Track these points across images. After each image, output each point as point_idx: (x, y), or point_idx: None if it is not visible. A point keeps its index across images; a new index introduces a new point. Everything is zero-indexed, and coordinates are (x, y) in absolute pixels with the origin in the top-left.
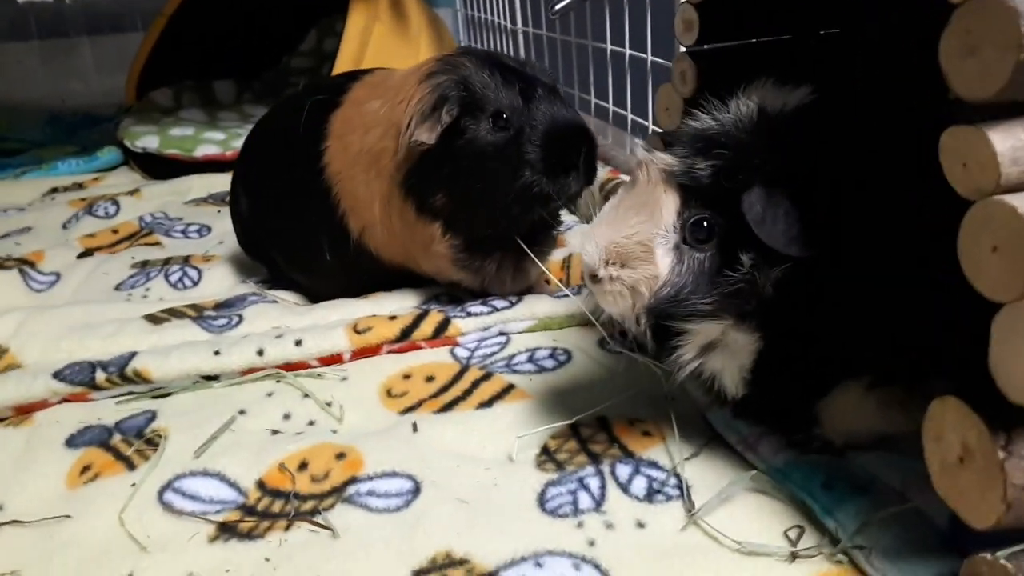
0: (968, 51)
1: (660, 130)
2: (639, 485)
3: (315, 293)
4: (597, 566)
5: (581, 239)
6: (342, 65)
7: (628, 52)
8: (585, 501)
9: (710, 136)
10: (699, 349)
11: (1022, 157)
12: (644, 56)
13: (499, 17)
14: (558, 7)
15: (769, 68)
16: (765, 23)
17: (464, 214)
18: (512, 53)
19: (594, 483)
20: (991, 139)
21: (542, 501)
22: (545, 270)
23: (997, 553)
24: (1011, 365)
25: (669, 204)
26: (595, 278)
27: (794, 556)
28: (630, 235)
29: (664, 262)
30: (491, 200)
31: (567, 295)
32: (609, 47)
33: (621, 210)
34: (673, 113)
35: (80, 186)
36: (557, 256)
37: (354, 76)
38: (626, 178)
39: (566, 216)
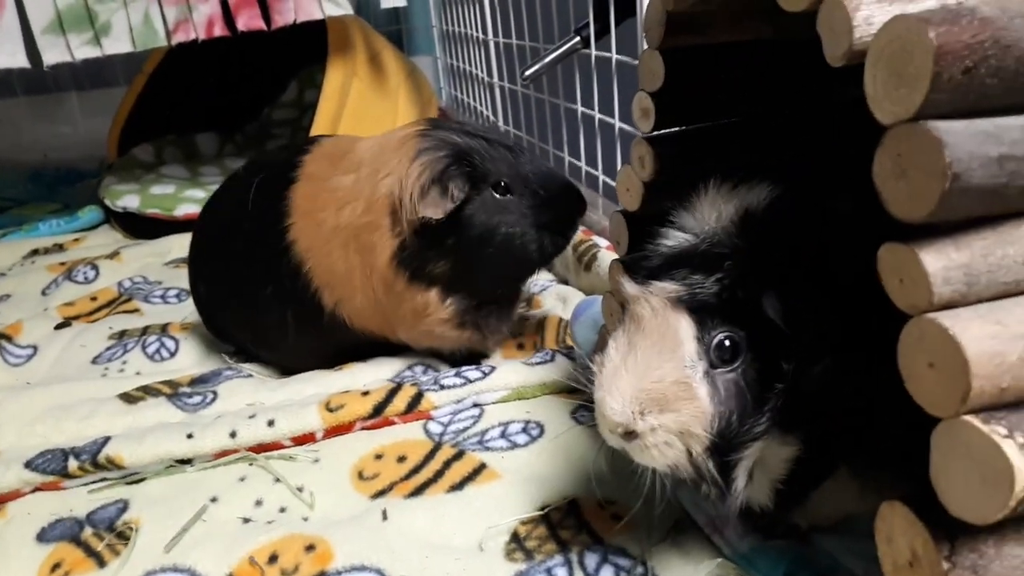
0: (899, 173)
1: (618, 257)
2: (606, 575)
3: (286, 367)
4: None
5: (599, 393)
6: (321, 122)
7: (597, 116)
8: None
9: (704, 252)
10: (749, 472)
11: (953, 277)
12: (613, 121)
13: (477, 69)
14: (528, 72)
15: (727, 148)
16: (722, 106)
17: (468, 279)
18: (489, 104)
19: (561, 573)
20: (922, 259)
21: None
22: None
23: None
24: (949, 480)
25: (686, 332)
26: (631, 434)
27: None
28: (661, 377)
29: (703, 394)
30: (499, 264)
31: (542, 361)
32: (580, 108)
33: (637, 352)
34: (634, 194)
35: (61, 247)
36: (532, 316)
37: (302, 148)
38: (600, 240)
39: (540, 275)
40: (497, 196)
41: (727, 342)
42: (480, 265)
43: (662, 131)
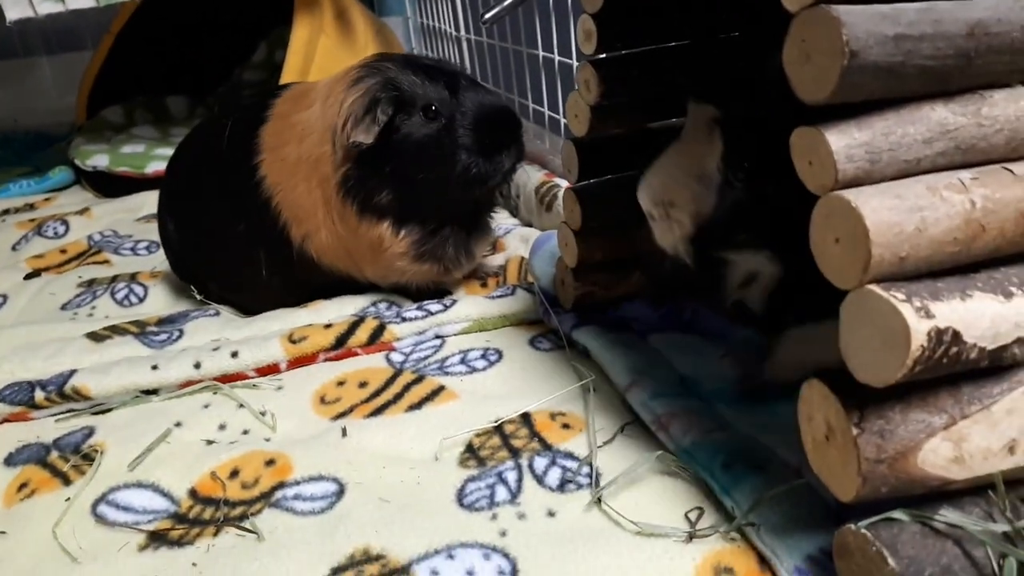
0: (804, 58)
1: (571, 186)
2: (553, 476)
3: (251, 311)
4: (506, 555)
5: (640, 186)
6: (287, 79)
7: (557, 58)
8: (501, 494)
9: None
10: (739, 281)
11: (856, 154)
12: (570, 62)
13: (446, 24)
14: (488, 16)
15: (670, 72)
16: (664, 29)
17: (413, 207)
18: (458, 59)
19: (511, 476)
20: (827, 138)
21: (460, 497)
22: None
23: (860, 524)
24: (855, 347)
25: (713, 148)
26: (651, 216)
27: (691, 536)
28: (674, 178)
29: (705, 200)
30: (434, 188)
31: (503, 295)
32: (541, 53)
33: (670, 156)
34: (582, 120)
35: (31, 207)
36: (496, 260)
37: (273, 93)
38: (561, 181)
39: (506, 219)
40: (426, 120)
41: (741, 164)
42: (416, 190)
43: (606, 55)
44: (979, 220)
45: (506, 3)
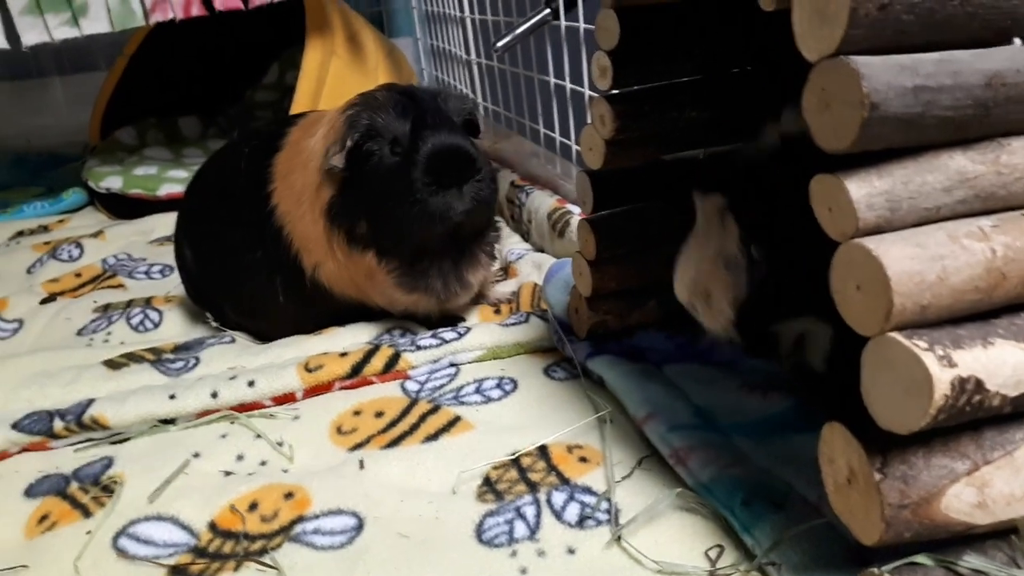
0: (824, 106)
1: (586, 217)
2: (572, 511)
3: (267, 337)
4: None
5: (675, 277)
6: (300, 101)
7: (568, 86)
8: (520, 530)
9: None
10: (791, 348)
11: (876, 203)
12: (583, 90)
13: (455, 47)
14: (500, 44)
15: (684, 106)
16: (678, 65)
17: (387, 238)
18: (468, 83)
19: (530, 512)
20: (848, 187)
21: (479, 532)
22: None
23: (883, 567)
24: (877, 394)
25: (729, 234)
26: (693, 308)
27: (711, 575)
28: (704, 268)
29: (738, 283)
30: (396, 221)
31: (517, 322)
32: (553, 80)
33: (693, 248)
34: (596, 153)
35: (45, 228)
36: (507, 287)
37: (290, 120)
38: (573, 208)
39: (518, 244)
40: (389, 154)
41: (756, 244)
42: (383, 222)
43: (621, 90)
44: (1000, 268)
45: (518, 32)
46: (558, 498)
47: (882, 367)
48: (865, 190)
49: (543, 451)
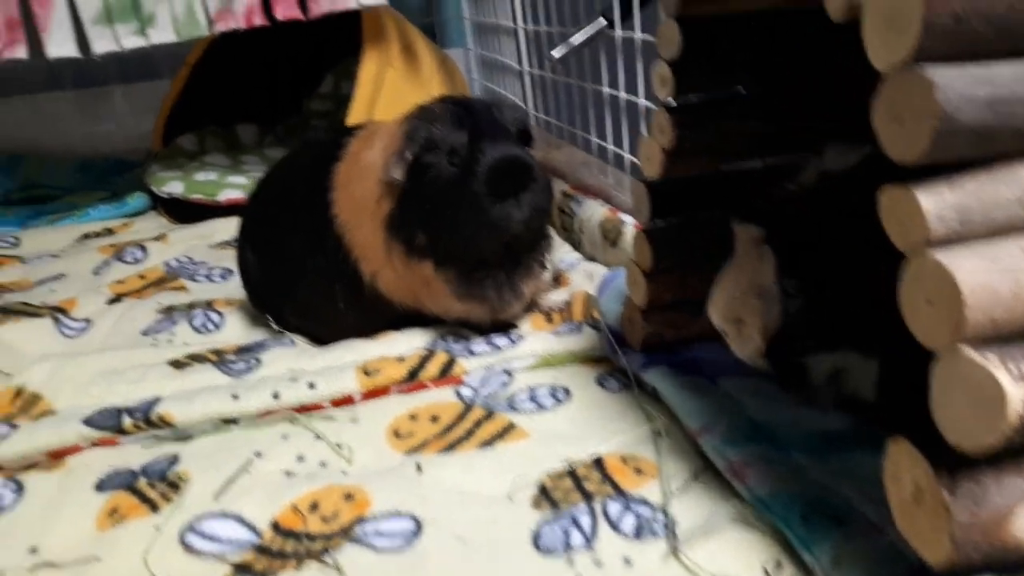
0: (894, 117)
1: (642, 227)
2: (628, 523)
3: (325, 340)
4: None
5: (708, 305)
6: (357, 111)
7: (624, 96)
8: (577, 539)
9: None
10: (823, 380)
11: (947, 215)
12: (638, 100)
13: (507, 58)
14: (556, 53)
15: (744, 117)
16: (739, 76)
17: (445, 248)
18: (520, 93)
19: (586, 521)
20: (918, 198)
21: (536, 539)
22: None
23: None
24: (947, 411)
25: (765, 265)
26: (724, 332)
27: None
28: (738, 296)
29: (771, 313)
30: (455, 231)
31: (569, 331)
32: (606, 90)
33: (729, 276)
34: (654, 163)
35: (110, 231)
36: (559, 296)
37: (350, 131)
38: (626, 218)
39: (569, 253)
40: (447, 165)
41: (792, 277)
42: (441, 232)
43: (682, 101)
44: None
45: (575, 41)
46: (614, 508)
47: (952, 384)
48: (936, 202)
49: (598, 462)
